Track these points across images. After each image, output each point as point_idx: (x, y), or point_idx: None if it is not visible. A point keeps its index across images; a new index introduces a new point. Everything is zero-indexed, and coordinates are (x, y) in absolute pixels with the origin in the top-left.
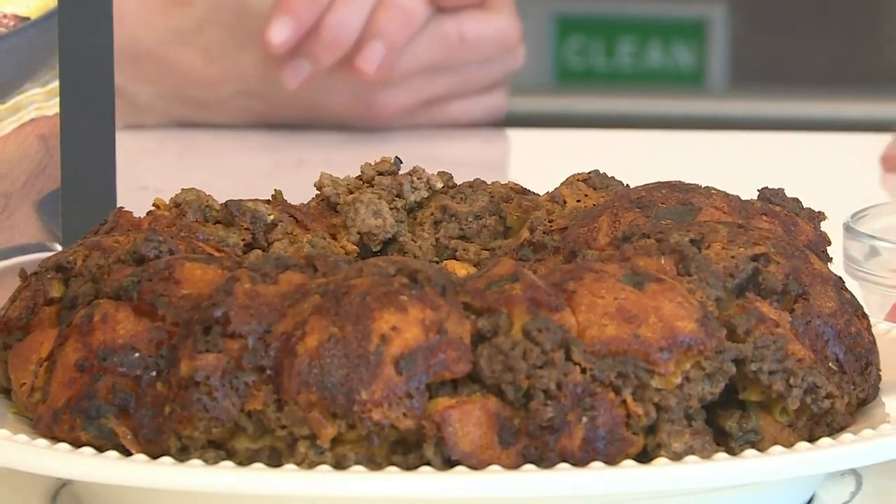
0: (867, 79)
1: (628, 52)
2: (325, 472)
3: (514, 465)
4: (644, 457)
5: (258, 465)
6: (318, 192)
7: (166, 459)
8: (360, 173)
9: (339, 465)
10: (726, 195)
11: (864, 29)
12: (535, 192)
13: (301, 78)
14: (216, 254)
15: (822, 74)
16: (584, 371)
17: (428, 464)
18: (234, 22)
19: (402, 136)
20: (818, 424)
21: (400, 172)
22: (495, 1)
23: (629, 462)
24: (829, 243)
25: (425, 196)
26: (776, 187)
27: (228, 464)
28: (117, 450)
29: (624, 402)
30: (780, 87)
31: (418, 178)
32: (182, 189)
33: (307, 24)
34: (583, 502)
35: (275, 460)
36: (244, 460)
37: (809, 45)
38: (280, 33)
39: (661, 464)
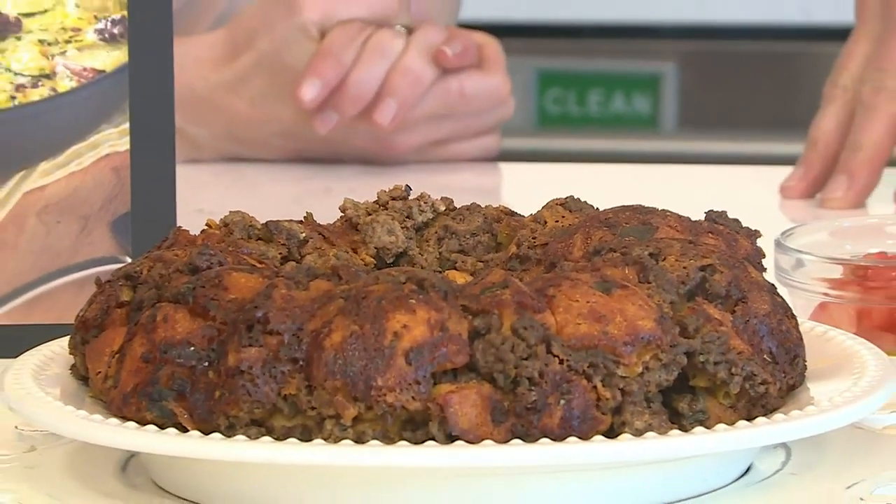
0: (787, 123)
1: (596, 101)
2: (347, 446)
3: (504, 440)
4: (611, 433)
5: (292, 440)
6: (342, 214)
7: (216, 435)
8: (376, 198)
9: (359, 440)
10: (679, 216)
11: (786, 82)
12: (522, 214)
13: (329, 126)
14: (258, 265)
15: (752, 119)
16: (561, 362)
17: (433, 439)
18: (273, 76)
19: (412, 169)
20: (755, 406)
21: (409, 198)
22: (490, 63)
23: (599, 437)
24: (764, 256)
25: (430, 217)
26: (720, 210)
27: (267, 439)
28: (176, 427)
29: (595, 387)
30: (720, 130)
31: (425, 203)
32: (230, 211)
33: (332, 83)
34: (560, 471)
35: (306, 436)
36: (280, 436)
37: (742, 95)
38: (309, 92)
39: (625, 439)
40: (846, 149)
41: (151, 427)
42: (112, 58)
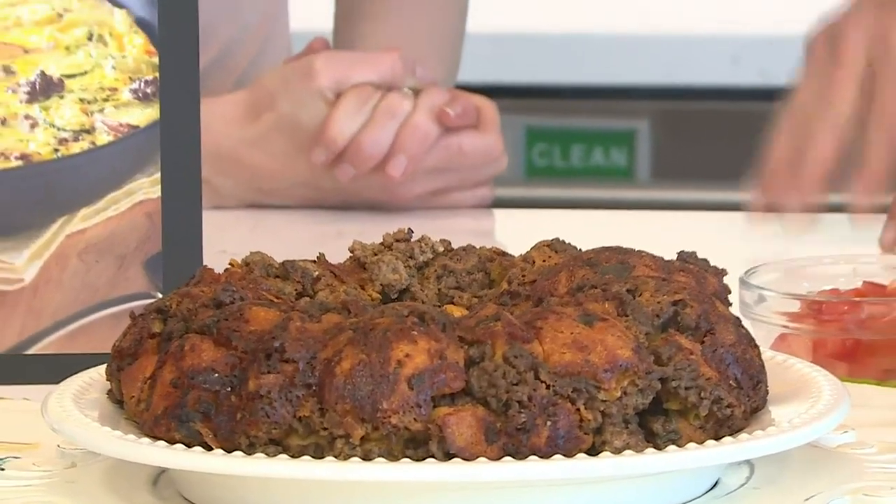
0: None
1: (578, 155)
2: (356, 463)
3: (497, 457)
4: (593, 451)
5: (306, 458)
6: (351, 254)
7: (238, 453)
8: (382, 240)
9: (366, 457)
10: (653, 256)
11: (746, 137)
12: (512, 254)
13: (348, 177)
14: (275, 300)
15: (717, 170)
16: (548, 387)
17: (432, 456)
18: (292, 134)
19: (414, 214)
20: (722, 427)
21: (412, 240)
22: (487, 124)
23: (582, 455)
24: (730, 292)
25: (430, 257)
26: (690, 251)
27: (284, 456)
28: (202, 446)
29: (578, 410)
30: (689, 180)
31: (425, 245)
32: (251, 252)
33: (338, 149)
34: (547, 485)
35: (319, 454)
36: (296, 454)
37: (708, 149)
38: (318, 156)
39: (605, 457)
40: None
41: (180, 446)
42: (145, 115)
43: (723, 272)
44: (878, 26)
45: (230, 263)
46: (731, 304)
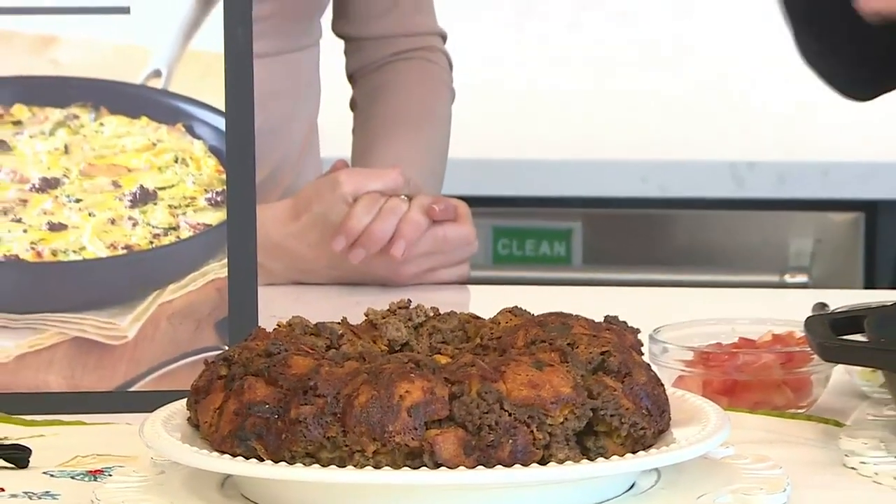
0: (654, 260)
1: (530, 247)
2: (369, 471)
3: (472, 467)
4: (543, 462)
5: (333, 467)
6: (366, 318)
7: (283, 464)
8: (388, 307)
9: (377, 466)
10: (586, 319)
11: (650, 233)
12: (483, 318)
13: (360, 258)
14: (310, 351)
15: (631, 258)
16: (510, 415)
17: (425, 466)
18: (324, 229)
19: (412, 289)
20: (637, 444)
21: (410, 307)
22: (463, 218)
23: (534, 465)
24: (642, 345)
25: (424, 320)
26: (613, 315)
27: (316, 466)
28: (256, 458)
29: (532, 432)
30: (611, 265)
31: (420, 310)
32: (293, 316)
33: (355, 236)
34: (508, 486)
35: (342, 464)
36: (325, 464)
37: (624, 242)
38: (339, 244)
39: (552, 466)
40: None
41: (240, 458)
42: (216, 216)
43: (637, 331)
44: None
45: (278, 324)
46: (643, 354)
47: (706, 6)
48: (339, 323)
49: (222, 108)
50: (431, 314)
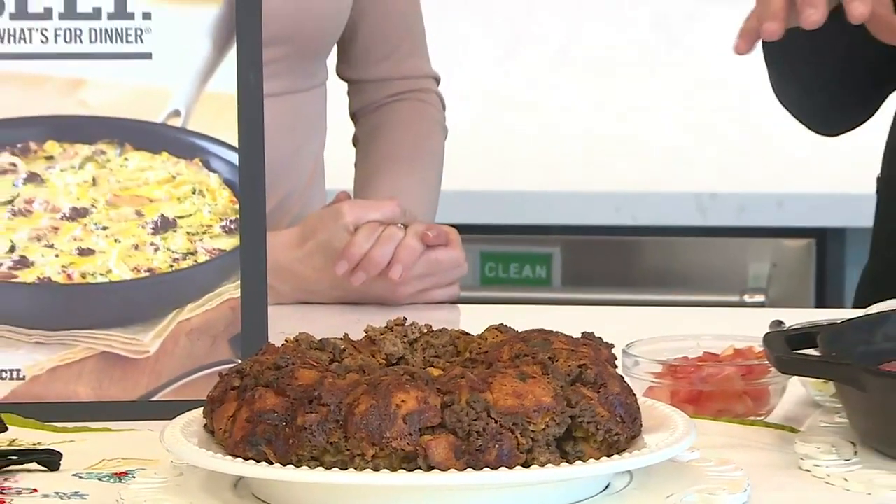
0: (625, 281)
1: (514, 270)
2: (368, 473)
3: (462, 469)
4: (526, 465)
5: (335, 470)
6: (366, 334)
7: (290, 466)
8: (386, 325)
9: (375, 469)
10: (566, 335)
11: (622, 257)
12: (472, 334)
13: (361, 280)
14: (315, 364)
15: (606, 279)
16: (496, 422)
17: (420, 468)
18: (327, 255)
19: (407, 308)
20: (611, 448)
21: (405, 324)
22: (453, 243)
23: (518, 467)
24: (616, 358)
25: (418, 336)
26: (589, 332)
27: (320, 469)
28: (266, 461)
29: (516, 437)
30: (587, 286)
31: (414, 327)
32: (299, 333)
33: (356, 261)
34: (495, 487)
35: (343, 467)
36: (328, 467)
37: (600, 265)
38: (342, 267)
39: (534, 468)
40: None
41: (252, 461)
42: (230, 242)
43: (611, 346)
44: None
45: (286, 340)
46: (616, 367)
47: (671, 60)
48: (341, 339)
49: (236, 144)
50: (425, 331)
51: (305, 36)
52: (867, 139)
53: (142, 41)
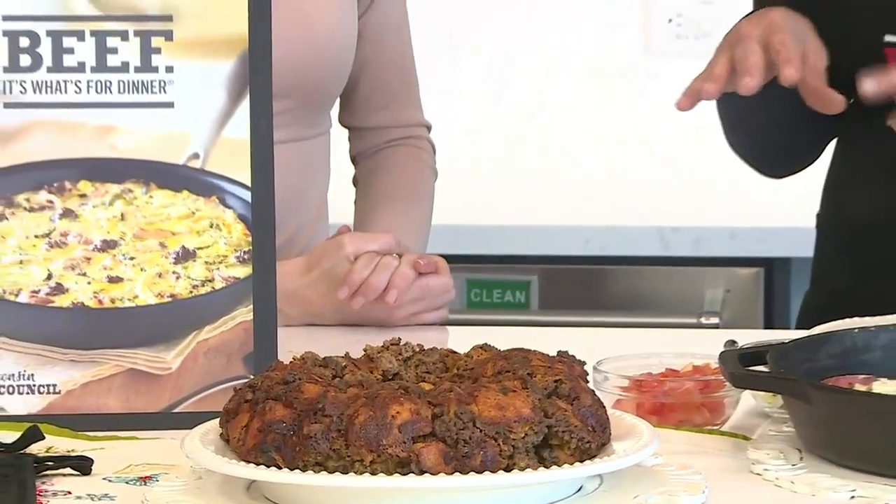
0: (594, 305)
1: (497, 295)
2: (367, 477)
3: (451, 473)
4: (507, 469)
5: (337, 474)
6: (365, 352)
7: (297, 471)
8: (382, 344)
9: (373, 473)
10: (543, 354)
11: (591, 284)
12: (459, 352)
13: (361, 304)
14: (319, 380)
15: (577, 303)
16: (481, 431)
17: (413, 472)
18: (330, 282)
19: (401, 329)
20: (584, 454)
21: (400, 344)
22: (443, 271)
23: (501, 472)
24: (587, 374)
25: (411, 354)
26: (564, 350)
27: (324, 473)
28: (275, 467)
29: (499, 445)
30: (560, 310)
31: (408, 346)
32: (305, 351)
33: (356, 287)
34: (479, 489)
35: (345, 471)
36: (331, 471)
37: (572, 292)
38: (343, 293)
39: (515, 472)
40: None
41: (263, 466)
42: (244, 271)
43: (583, 363)
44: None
45: (293, 358)
46: (588, 382)
47: (637, 110)
48: (342, 357)
49: (248, 183)
50: (417, 349)
51: (309, 91)
52: (811, 178)
53: (165, 92)
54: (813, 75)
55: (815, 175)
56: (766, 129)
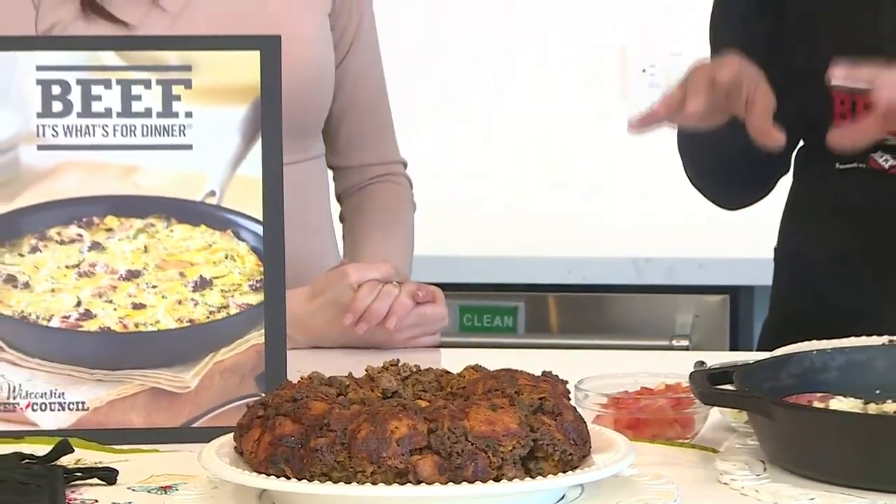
0: (577, 329)
1: (486, 320)
2: (368, 487)
3: (445, 483)
4: (497, 480)
5: (341, 484)
6: (366, 372)
7: (304, 481)
8: (382, 365)
9: (374, 483)
10: (529, 374)
11: (575, 310)
12: (453, 372)
13: (364, 330)
14: (325, 398)
15: (562, 327)
16: (472, 444)
17: (410, 483)
18: (335, 309)
19: (400, 351)
20: (566, 466)
21: (398, 365)
22: (438, 301)
23: (490, 482)
24: (569, 392)
25: (408, 374)
26: (548, 370)
27: (329, 483)
28: (285, 477)
29: (489, 457)
30: (545, 334)
31: (406, 367)
32: (312, 371)
33: (359, 314)
34: (471, 498)
35: (348, 481)
36: (335, 482)
37: (555, 317)
38: (348, 319)
39: (503, 482)
40: None
41: (273, 477)
42: (256, 298)
43: (566, 382)
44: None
45: (301, 378)
46: (570, 399)
47: (615, 153)
48: (346, 377)
49: (261, 218)
50: (415, 370)
51: (296, 112)
52: (774, 214)
53: (184, 135)
54: (758, 115)
55: (776, 211)
56: (721, 165)
